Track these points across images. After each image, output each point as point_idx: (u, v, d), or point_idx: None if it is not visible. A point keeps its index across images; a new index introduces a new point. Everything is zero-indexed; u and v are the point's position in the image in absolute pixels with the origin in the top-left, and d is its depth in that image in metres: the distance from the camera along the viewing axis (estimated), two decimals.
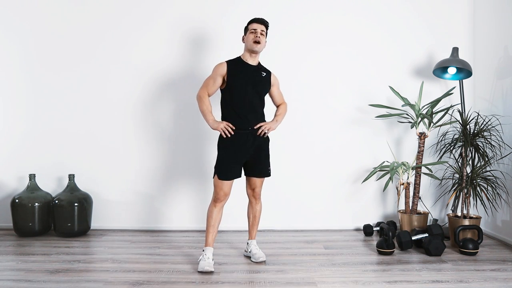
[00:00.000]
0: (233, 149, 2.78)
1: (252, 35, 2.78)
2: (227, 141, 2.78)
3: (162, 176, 3.75)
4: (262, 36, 2.80)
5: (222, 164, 2.79)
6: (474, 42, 3.79)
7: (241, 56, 2.88)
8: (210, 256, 2.75)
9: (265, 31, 2.83)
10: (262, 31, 2.81)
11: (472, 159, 3.35)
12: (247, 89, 2.79)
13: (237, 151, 2.78)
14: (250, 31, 2.80)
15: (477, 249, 3.02)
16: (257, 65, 2.88)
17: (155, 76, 3.72)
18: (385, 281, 2.49)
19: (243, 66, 2.83)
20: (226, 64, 2.81)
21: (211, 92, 2.84)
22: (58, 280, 2.49)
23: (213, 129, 2.80)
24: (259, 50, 2.82)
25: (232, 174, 2.79)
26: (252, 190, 2.93)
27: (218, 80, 2.81)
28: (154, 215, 3.75)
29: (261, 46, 2.80)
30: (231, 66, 2.81)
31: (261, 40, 2.78)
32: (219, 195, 2.79)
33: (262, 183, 2.95)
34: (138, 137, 3.74)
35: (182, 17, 3.72)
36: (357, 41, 3.77)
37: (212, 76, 2.83)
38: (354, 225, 3.79)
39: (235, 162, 2.79)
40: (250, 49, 2.81)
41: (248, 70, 2.82)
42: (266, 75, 2.90)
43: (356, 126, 3.77)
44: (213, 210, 2.81)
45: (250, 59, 2.85)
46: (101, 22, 3.72)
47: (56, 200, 3.47)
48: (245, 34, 2.87)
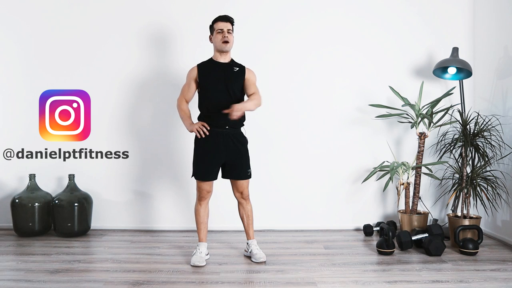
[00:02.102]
0: (208, 149, 2.79)
1: (220, 35, 2.78)
2: (203, 140, 2.79)
3: (162, 176, 3.75)
4: (229, 34, 2.80)
5: (198, 165, 2.82)
6: (474, 42, 3.79)
7: (212, 56, 2.90)
8: (203, 250, 2.83)
9: (231, 29, 2.82)
10: (229, 30, 2.80)
11: (472, 159, 3.34)
12: (220, 88, 2.79)
13: (212, 151, 2.79)
14: (217, 31, 2.79)
15: (477, 249, 3.02)
16: (229, 62, 2.88)
17: (155, 76, 3.72)
18: (385, 281, 2.49)
19: (214, 66, 2.84)
20: (197, 68, 2.86)
21: (188, 98, 2.91)
22: (58, 280, 2.50)
23: (190, 131, 2.83)
24: (228, 49, 2.82)
25: (209, 175, 2.82)
26: (239, 193, 2.93)
27: (192, 85, 2.87)
28: (154, 215, 3.75)
29: (230, 45, 2.81)
30: (202, 69, 2.84)
31: (229, 39, 2.78)
32: (202, 194, 2.86)
33: (248, 184, 2.94)
34: (138, 137, 3.74)
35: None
36: (357, 41, 3.77)
37: (187, 82, 2.90)
38: (354, 225, 3.78)
39: (210, 163, 2.80)
40: (219, 50, 2.82)
41: (219, 69, 2.83)
42: (238, 70, 2.88)
43: (356, 126, 3.77)
44: (199, 209, 2.89)
45: (221, 58, 2.86)
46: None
47: (56, 200, 3.47)
48: (211, 33, 2.87)
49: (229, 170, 2.87)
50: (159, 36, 3.72)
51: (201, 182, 2.83)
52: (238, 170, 2.86)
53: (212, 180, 2.85)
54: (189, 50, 3.69)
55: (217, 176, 2.87)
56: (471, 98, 3.77)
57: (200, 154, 2.83)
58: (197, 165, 2.84)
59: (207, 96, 2.83)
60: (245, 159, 2.89)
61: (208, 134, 2.77)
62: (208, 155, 2.80)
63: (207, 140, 2.78)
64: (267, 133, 3.66)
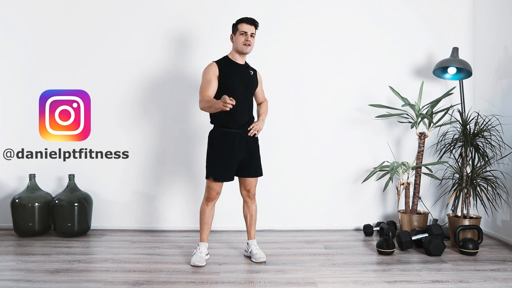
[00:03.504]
0: (226, 150, 2.78)
1: (243, 38, 2.75)
2: (220, 142, 2.78)
3: (162, 176, 3.75)
4: (252, 38, 2.77)
5: (217, 166, 2.79)
6: (474, 42, 3.79)
7: (229, 55, 2.85)
8: (203, 251, 2.83)
9: (254, 33, 2.79)
10: (252, 33, 2.77)
11: (472, 159, 3.34)
12: (240, 89, 2.77)
13: (231, 152, 2.78)
14: (240, 33, 2.75)
15: (477, 249, 3.02)
16: (245, 64, 2.88)
17: (155, 75, 3.72)
18: (385, 281, 2.49)
19: (234, 66, 2.81)
20: (217, 65, 2.77)
21: (212, 95, 2.73)
22: (58, 280, 2.49)
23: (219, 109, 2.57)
24: (249, 52, 2.81)
25: (226, 176, 2.80)
26: (247, 191, 2.93)
27: (214, 81, 2.74)
28: (154, 215, 3.75)
29: (251, 48, 2.79)
30: (222, 67, 2.77)
31: (251, 43, 2.77)
32: (211, 195, 2.84)
33: (256, 183, 2.95)
34: (138, 137, 3.74)
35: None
36: (357, 41, 3.77)
37: (207, 79, 2.73)
38: (354, 225, 3.78)
39: (229, 163, 2.79)
40: (240, 51, 2.79)
41: (239, 70, 2.81)
42: (253, 74, 2.90)
43: (356, 126, 3.77)
44: (206, 209, 2.87)
45: (239, 58, 2.83)
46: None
47: (56, 200, 3.47)
48: (233, 33, 2.82)
49: (244, 168, 2.86)
50: (160, 35, 3.72)
51: (214, 182, 2.80)
52: (254, 168, 2.88)
53: (229, 181, 2.84)
54: (190, 50, 3.69)
55: (234, 177, 2.85)
56: (471, 98, 3.77)
57: (217, 155, 2.80)
58: (215, 166, 2.79)
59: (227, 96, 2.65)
60: (259, 157, 2.92)
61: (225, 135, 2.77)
62: (226, 157, 2.78)
63: (224, 141, 2.78)
64: (267, 133, 3.64)
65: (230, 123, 2.77)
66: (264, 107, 3.01)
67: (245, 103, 2.80)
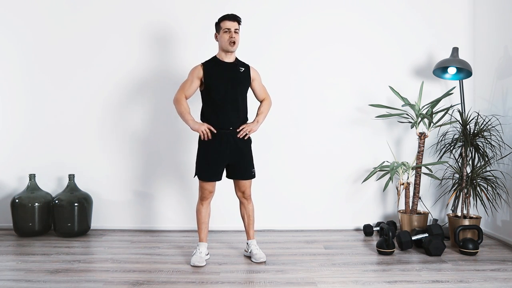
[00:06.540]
0: (213, 150, 2.77)
1: (227, 35, 2.74)
2: (207, 141, 2.77)
3: (162, 176, 3.75)
4: (236, 34, 2.76)
5: (203, 165, 2.80)
6: (474, 42, 3.79)
7: (217, 55, 2.85)
8: (203, 250, 2.83)
9: (238, 28, 2.78)
10: (236, 29, 2.76)
11: (472, 159, 3.34)
12: (226, 89, 2.77)
13: (217, 151, 2.77)
14: (224, 30, 2.74)
15: (477, 249, 3.02)
16: (234, 62, 2.85)
17: (154, 75, 3.72)
18: (385, 281, 2.49)
19: (220, 66, 2.80)
20: (202, 66, 2.80)
21: (188, 95, 2.83)
22: (58, 280, 2.50)
23: (193, 130, 2.77)
24: (235, 50, 2.79)
25: (213, 176, 2.80)
26: (241, 192, 2.93)
27: (195, 82, 2.80)
28: (154, 215, 3.75)
29: (237, 45, 2.77)
30: (207, 68, 2.79)
31: (236, 40, 2.75)
32: (204, 194, 2.85)
33: (250, 184, 2.93)
34: (138, 136, 3.74)
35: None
36: (357, 40, 3.77)
37: (189, 79, 2.82)
38: (354, 225, 3.78)
39: (215, 163, 2.79)
40: (225, 50, 2.78)
41: (225, 69, 2.80)
42: (244, 70, 2.86)
43: (356, 126, 3.77)
44: (201, 208, 2.87)
45: (226, 57, 2.82)
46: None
47: (56, 200, 3.47)
48: (217, 32, 2.81)
49: (233, 171, 2.86)
50: (158, 36, 3.72)
51: (204, 182, 2.82)
52: (243, 170, 2.86)
53: (216, 181, 2.84)
54: (189, 49, 3.69)
55: (221, 177, 2.86)
56: (471, 98, 3.77)
57: (204, 154, 2.80)
58: (201, 166, 2.81)
59: (212, 96, 2.77)
60: (249, 159, 2.88)
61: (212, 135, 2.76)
62: (212, 156, 2.78)
63: (212, 141, 2.76)
64: (266, 133, 3.65)
65: (217, 123, 2.77)
66: (264, 106, 2.97)
67: (233, 103, 2.78)
